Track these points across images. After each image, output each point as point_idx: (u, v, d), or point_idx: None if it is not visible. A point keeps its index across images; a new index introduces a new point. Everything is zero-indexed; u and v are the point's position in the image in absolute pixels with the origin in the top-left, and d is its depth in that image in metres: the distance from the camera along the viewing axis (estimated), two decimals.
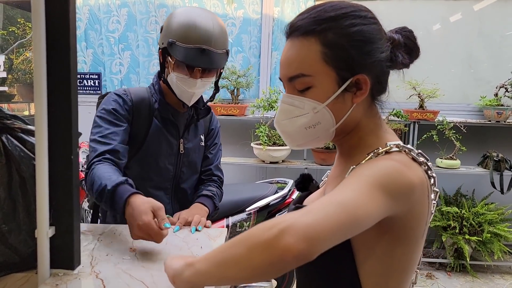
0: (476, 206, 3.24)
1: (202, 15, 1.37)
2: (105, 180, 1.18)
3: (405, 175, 0.69)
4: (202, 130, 1.62)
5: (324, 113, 0.77)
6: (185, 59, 1.35)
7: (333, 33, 0.74)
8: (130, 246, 1.12)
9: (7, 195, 0.91)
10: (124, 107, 1.41)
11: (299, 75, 0.76)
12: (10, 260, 0.93)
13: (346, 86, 0.76)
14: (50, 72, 0.90)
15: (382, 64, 0.78)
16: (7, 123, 0.93)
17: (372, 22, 0.78)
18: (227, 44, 1.43)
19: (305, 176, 1.01)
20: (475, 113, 3.46)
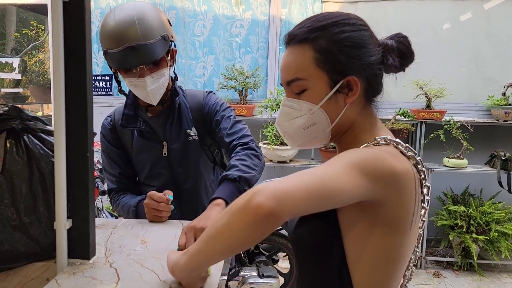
0: (484, 205, 3.25)
1: (121, 13, 1.29)
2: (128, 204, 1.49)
3: (387, 161, 0.74)
4: (189, 123, 1.51)
5: (319, 113, 0.83)
6: (119, 64, 1.33)
7: (324, 40, 0.81)
8: (141, 239, 1.19)
9: (28, 190, 0.98)
10: (108, 139, 1.54)
11: (295, 79, 0.83)
12: (31, 250, 1.00)
13: (338, 88, 0.82)
14: (67, 75, 0.96)
15: (373, 67, 0.83)
16: (28, 124, 0.99)
17: (361, 29, 0.84)
18: (161, 30, 1.33)
19: None
20: (483, 113, 3.47)
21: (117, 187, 1.56)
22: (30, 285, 1.03)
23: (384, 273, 0.79)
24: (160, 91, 1.39)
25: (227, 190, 1.27)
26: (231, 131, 1.46)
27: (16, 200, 0.97)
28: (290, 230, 0.89)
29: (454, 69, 3.52)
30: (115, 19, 1.28)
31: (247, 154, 1.38)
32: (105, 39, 1.31)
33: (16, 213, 0.97)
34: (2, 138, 0.99)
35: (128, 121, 1.47)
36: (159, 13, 1.37)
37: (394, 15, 3.42)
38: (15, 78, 3.98)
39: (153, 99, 1.39)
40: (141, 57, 1.29)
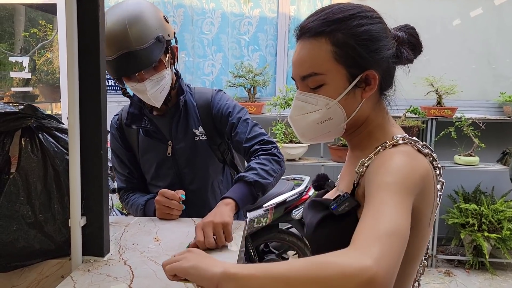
0: (496, 203, 3.21)
1: (113, 16, 1.26)
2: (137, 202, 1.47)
3: (417, 169, 0.73)
4: (196, 122, 1.47)
5: (336, 108, 0.81)
6: (115, 73, 1.31)
7: (342, 33, 0.79)
8: (154, 237, 1.19)
9: (43, 188, 0.99)
10: (116, 138, 1.54)
11: (312, 74, 0.81)
12: (46, 247, 1.00)
13: (356, 82, 0.80)
14: (81, 73, 0.97)
15: (389, 61, 0.82)
16: (43, 122, 1.00)
17: (377, 22, 0.82)
18: (155, 30, 1.28)
19: (321, 176, 1.05)
20: (494, 109, 3.43)
21: (126, 186, 1.55)
22: (45, 282, 1.04)
23: (405, 270, 0.79)
24: (162, 93, 1.37)
25: (239, 192, 1.25)
26: (250, 135, 1.42)
27: (31, 198, 0.98)
28: (309, 231, 0.87)
29: (465, 65, 3.49)
30: (106, 23, 1.23)
31: (268, 159, 1.36)
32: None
33: (31, 211, 0.97)
34: (17, 136, 0.99)
35: (133, 120, 1.46)
36: (154, 11, 1.32)
37: (404, 10, 3.39)
38: (25, 77, 4.02)
39: (156, 102, 1.37)
40: (136, 63, 1.26)
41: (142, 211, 1.43)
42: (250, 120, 1.47)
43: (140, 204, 1.44)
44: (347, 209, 0.78)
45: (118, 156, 1.54)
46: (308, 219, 0.89)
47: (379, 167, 0.74)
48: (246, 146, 1.41)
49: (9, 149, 0.99)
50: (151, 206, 1.38)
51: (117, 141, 1.53)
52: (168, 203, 1.30)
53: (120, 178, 1.56)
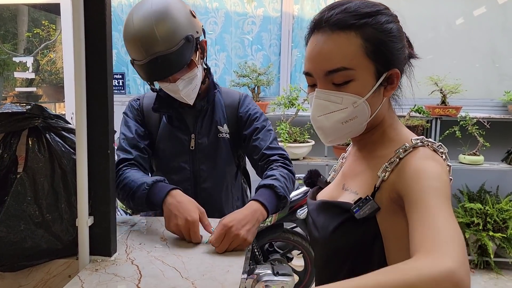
0: (500, 203, 3.19)
1: (139, 17, 1.22)
2: (141, 178, 1.24)
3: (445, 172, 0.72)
4: (222, 119, 1.47)
5: (363, 107, 0.79)
6: (147, 78, 1.30)
7: (372, 28, 0.77)
8: (161, 236, 1.19)
9: (50, 187, 0.99)
10: (132, 112, 1.47)
11: (341, 69, 0.76)
12: (53, 247, 1.00)
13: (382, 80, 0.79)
14: (88, 72, 0.97)
15: (406, 60, 0.83)
16: (50, 122, 1.00)
17: (397, 21, 0.82)
18: (184, 30, 1.25)
19: (313, 172, 1.04)
20: (499, 109, 3.41)
21: (133, 157, 1.37)
22: (52, 282, 1.05)
23: None
24: (194, 90, 1.36)
25: (271, 201, 1.23)
26: (272, 145, 1.44)
27: (39, 197, 0.98)
28: (324, 234, 0.84)
29: (469, 64, 3.47)
30: (133, 24, 1.22)
31: (289, 175, 1.37)
32: (129, 49, 1.28)
33: (38, 210, 0.98)
34: (24, 136, 1.00)
35: (161, 105, 1.42)
36: (181, 6, 1.28)
37: (408, 9, 3.38)
38: (29, 77, 4.03)
39: (188, 100, 1.36)
40: (167, 67, 1.25)
41: (145, 192, 1.20)
42: (273, 132, 1.49)
43: (145, 183, 1.22)
44: (368, 212, 0.76)
45: (135, 130, 1.42)
46: (322, 222, 0.86)
47: (420, 173, 0.71)
48: (266, 153, 1.42)
49: (16, 149, 0.99)
50: (160, 192, 1.19)
51: (136, 121, 1.45)
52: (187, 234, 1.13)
53: (127, 149, 1.38)
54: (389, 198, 0.76)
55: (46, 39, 4.53)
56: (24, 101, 4.13)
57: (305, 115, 3.26)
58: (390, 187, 0.76)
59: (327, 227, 0.83)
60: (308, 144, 3.14)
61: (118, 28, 3.76)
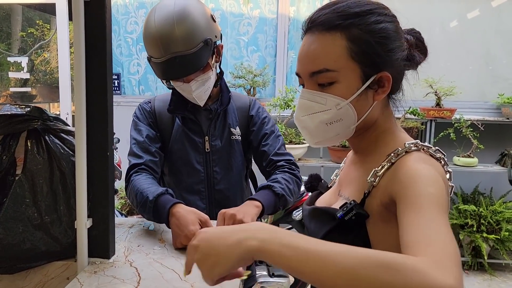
0: (494, 204, 3.22)
1: (161, 15, 1.24)
2: (146, 191, 1.22)
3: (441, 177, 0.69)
4: (234, 122, 1.48)
5: (347, 109, 0.76)
6: (163, 76, 1.31)
7: (358, 28, 0.74)
8: (159, 238, 1.19)
9: (49, 189, 0.99)
10: (143, 114, 1.45)
11: (323, 70, 0.75)
12: (52, 249, 1.00)
13: (369, 83, 0.76)
14: (88, 74, 0.97)
15: (401, 63, 0.78)
16: (50, 125, 1.00)
17: (393, 20, 0.79)
18: (204, 33, 1.26)
19: (314, 176, 1.02)
20: (493, 111, 3.45)
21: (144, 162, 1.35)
22: (50, 284, 1.04)
23: None
24: (206, 92, 1.37)
25: (267, 199, 1.26)
26: (280, 151, 1.46)
27: (37, 199, 0.97)
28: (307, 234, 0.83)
29: (463, 67, 3.50)
30: (155, 22, 1.24)
31: (293, 179, 1.39)
32: (147, 46, 1.29)
33: (37, 212, 0.97)
34: (22, 138, 0.99)
35: (176, 107, 1.43)
36: (202, 10, 1.30)
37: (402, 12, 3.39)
38: (24, 77, 4.00)
39: (199, 102, 1.38)
40: (184, 68, 1.26)
41: (151, 209, 1.18)
42: (281, 137, 1.51)
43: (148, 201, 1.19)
44: (354, 218, 0.74)
45: (146, 133, 1.40)
46: (312, 228, 0.86)
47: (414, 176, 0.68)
48: (273, 158, 1.44)
49: (15, 150, 0.99)
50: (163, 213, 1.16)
51: (148, 125, 1.44)
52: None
53: (137, 153, 1.37)
54: (381, 204, 0.73)
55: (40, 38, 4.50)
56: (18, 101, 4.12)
57: None
58: (382, 192, 0.73)
59: (317, 233, 0.81)
60: (304, 145, 3.15)
61: (113, 29, 3.75)
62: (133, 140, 1.41)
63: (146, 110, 1.46)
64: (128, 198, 1.34)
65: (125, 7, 3.73)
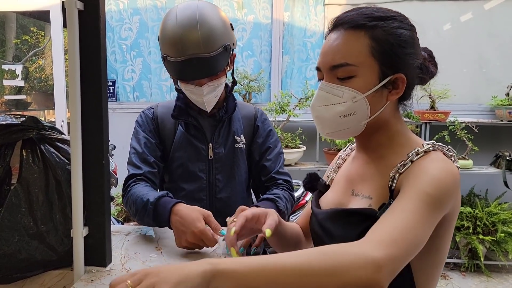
0: (490, 206, 3.24)
1: (184, 15, 1.23)
2: (146, 196, 1.22)
3: (456, 179, 0.76)
4: (239, 130, 1.46)
5: (362, 103, 0.81)
6: (178, 75, 1.30)
7: (382, 30, 0.81)
8: (156, 246, 1.19)
9: (45, 198, 0.98)
10: (145, 120, 1.44)
11: (344, 64, 0.80)
12: (48, 258, 1.00)
13: (386, 83, 0.81)
14: (83, 83, 0.97)
15: (416, 71, 0.84)
16: (45, 134, 1.00)
17: (411, 29, 0.85)
18: (224, 39, 1.27)
19: (312, 176, 1.04)
20: (487, 113, 3.47)
21: (142, 173, 1.35)
22: None
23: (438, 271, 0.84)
24: (215, 99, 1.37)
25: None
26: (282, 170, 1.48)
27: (33, 209, 0.97)
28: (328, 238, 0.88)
29: (457, 70, 3.53)
30: (176, 22, 1.23)
31: (290, 199, 1.41)
32: (165, 44, 1.27)
33: (33, 221, 0.97)
34: (18, 147, 0.99)
35: (180, 113, 1.41)
36: (223, 18, 1.31)
37: None
38: (19, 85, 3.99)
39: (207, 107, 1.37)
40: (201, 70, 1.25)
41: (151, 210, 1.18)
42: (283, 155, 1.52)
43: (149, 203, 1.19)
44: None
45: (144, 142, 1.39)
46: (340, 231, 0.85)
47: (421, 173, 0.75)
48: (274, 176, 1.45)
49: (10, 160, 0.99)
50: (164, 213, 1.15)
51: (150, 132, 1.43)
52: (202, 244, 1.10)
53: (136, 164, 1.37)
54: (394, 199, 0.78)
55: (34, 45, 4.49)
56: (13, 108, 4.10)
57: (297, 121, 3.28)
58: (397, 188, 0.79)
59: (349, 236, 0.80)
60: (300, 149, 3.16)
61: (108, 35, 3.75)
62: (132, 150, 1.41)
63: (148, 117, 1.45)
64: (126, 206, 1.33)
65: (119, 13, 3.74)
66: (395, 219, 0.68)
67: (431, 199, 0.71)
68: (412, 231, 0.66)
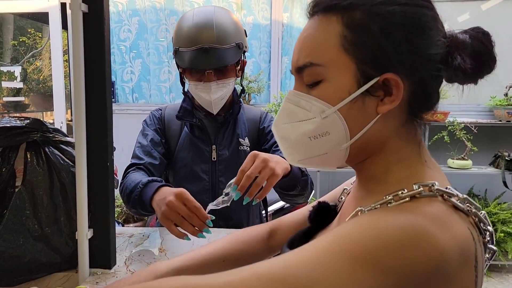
0: (489, 206, 3.25)
1: (200, 14, 1.30)
2: (139, 179, 1.19)
3: (429, 243, 0.43)
4: (243, 132, 1.46)
5: (335, 120, 0.56)
6: (188, 64, 1.30)
7: (362, 11, 0.54)
8: (159, 247, 1.19)
9: (49, 200, 0.98)
10: (153, 120, 1.47)
11: (308, 64, 0.57)
12: (53, 260, 1.00)
13: (370, 88, 0.54)
14: (87, 85, 0.97)
15: (429, 65, 0.56)
16: (49, 136, 1.00)
17: (420, 5, 0.56)
18: (237, 37, 1.32)
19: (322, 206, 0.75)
20: (486, 113, 3.48)
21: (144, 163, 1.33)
22: None
23: None
24: (222, 101, 1.38)
25: (296, 171, 1.17)
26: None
27: (38, 211, 0.97)
28: None
29: None
30: (193, 19, 1.29)
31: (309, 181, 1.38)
32: (179, 38, 1.31)
33: (37, 224, 0.97)
34: (22, 149, 0.99)
35: (185, 114, 1.43)
36: (237, 21, 1.37)
37: None
38: (18, 86, 3.98)
39: (214, 108, 1.37)
40: (212, 60, 1.28)
41: (139, 191, 1.15)
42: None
43: (140, 182, 1.17)
44: None
45: (151, 138, 1.40)
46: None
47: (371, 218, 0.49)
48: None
49: (14, 162, 0.99)
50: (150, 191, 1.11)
51: (155, 131, 1.44)
52: (186, 215, 1.01)
53: (139, 155, 1.36)
54: None
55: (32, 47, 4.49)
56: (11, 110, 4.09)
57: None
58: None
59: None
60: None
61: None
62: (137, 144, 1.42)
63: (156, 117, 1.49)
64: (120, 194, 1.27)
65: (118, 15, 3.74)
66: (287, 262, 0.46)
67: (359, 248, 0.44)
68: (293, 266, 0.44)
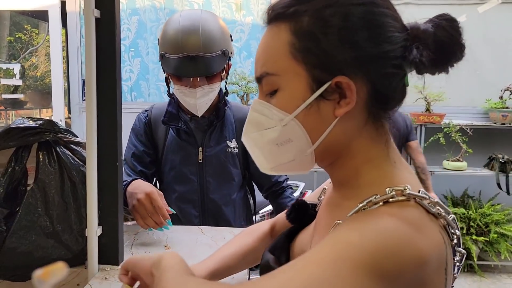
0: (483, 207, 3.31)
1: (187, 19, 1.30)
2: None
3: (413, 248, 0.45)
4: (231, 134, 1.49)
5: (294, 127, 0.57)
6: (174, 71, 1.32)
7: (309, 15, 0.55)
8: (164, 244, 1.22)
9: (60, 199, 1.01)
10: (139, 125, 1.50)
11: (264, 74, 0.59)
12: (63, 256, 1.03)
13: (324, 92, 0.55)
14: (98, 88, 1.00)
15: (385, 62, 0.55)
16: (60, 137, 1.03)
17: (367, 3, 0.55)
18: (223, 44, 1.32)
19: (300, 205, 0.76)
20: (481, 116, 3.54)
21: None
22: None
23: None
24: (207, 104, 1.39)
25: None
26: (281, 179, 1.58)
27: (49, 209, 1.00)
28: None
29: (452, 72, 3.53)
30: (180, 24, 1.29)
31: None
32: (165, 43, 1.31)
33: (49, 221, 1.00)
34: (34, 149, 1.02)
35: (171, 119, 1.45)
36: (224, 27, 1.37)
37: None
38: (16, 83, 3.99)
39: (198, 111, 1.39)
40: (198, 68, 1.29)
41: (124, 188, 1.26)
42: None
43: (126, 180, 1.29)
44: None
45: (133, 152, 1.47)
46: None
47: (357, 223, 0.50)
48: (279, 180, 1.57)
49: (27, 161, 1.02)
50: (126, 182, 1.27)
51: (140, 136, 1.49)
52: (151, 213, 1.20)
53: (127, 172, 1.45)
54: None
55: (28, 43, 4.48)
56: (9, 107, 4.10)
57: None
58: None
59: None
60: None
61: None
62: (124, 159, 1.46)
63: (142, 121, 1.51)
64: None
65: (125, 19, 3.75)
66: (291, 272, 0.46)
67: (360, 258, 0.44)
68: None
